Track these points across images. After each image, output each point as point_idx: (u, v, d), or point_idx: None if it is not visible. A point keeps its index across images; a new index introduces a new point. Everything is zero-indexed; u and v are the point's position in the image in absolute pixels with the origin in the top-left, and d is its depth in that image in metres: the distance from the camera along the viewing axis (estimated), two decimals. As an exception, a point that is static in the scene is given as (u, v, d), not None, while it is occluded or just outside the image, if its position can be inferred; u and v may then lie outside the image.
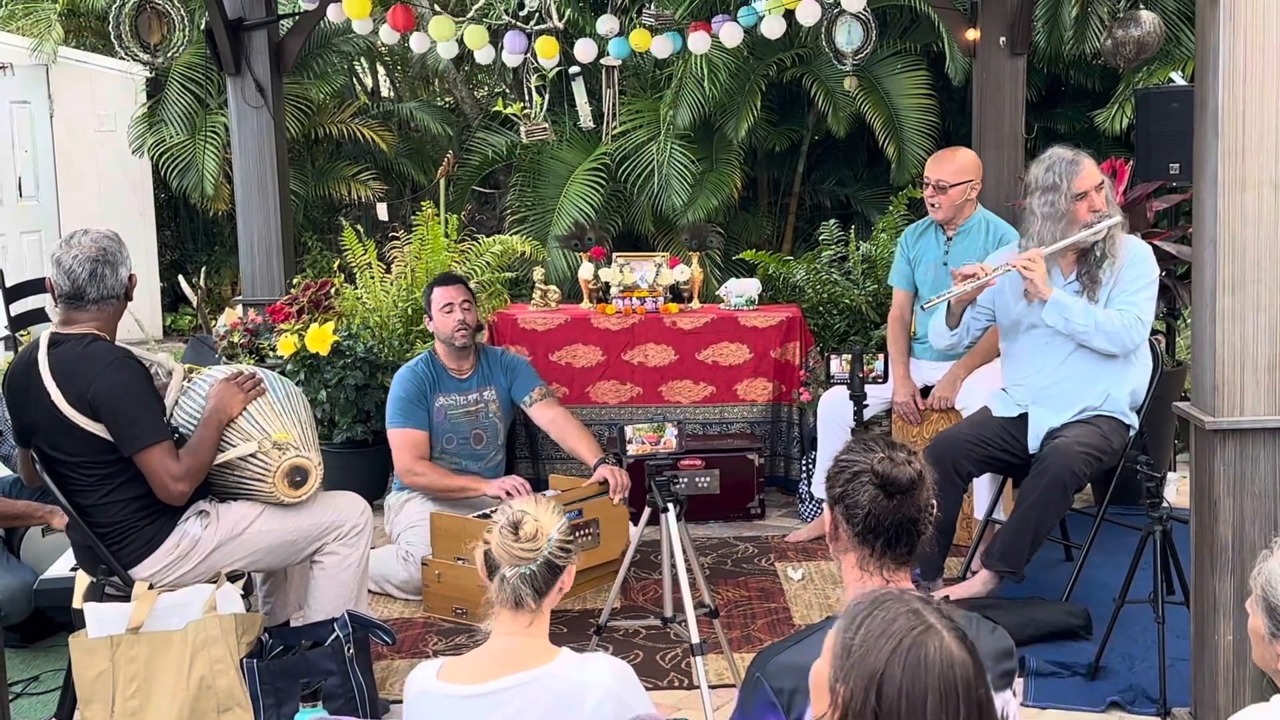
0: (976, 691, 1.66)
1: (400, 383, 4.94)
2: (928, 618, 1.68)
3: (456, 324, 4.91)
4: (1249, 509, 3.33)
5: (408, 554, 4.73)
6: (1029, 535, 4.20)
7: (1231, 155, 3.23)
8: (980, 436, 4.41)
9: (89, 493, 3.48)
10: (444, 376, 4.99)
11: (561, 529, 2.39)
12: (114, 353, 3.47)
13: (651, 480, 3.70)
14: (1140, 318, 4.20)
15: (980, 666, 1.68)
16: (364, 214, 10.38)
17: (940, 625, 1.68)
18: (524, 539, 2.33)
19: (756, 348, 5.92)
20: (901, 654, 1.65)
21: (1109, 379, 4.28)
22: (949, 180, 4.98)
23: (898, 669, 1.64)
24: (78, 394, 3.40)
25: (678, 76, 8.74)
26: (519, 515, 2.35)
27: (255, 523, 3.66)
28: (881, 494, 2.20)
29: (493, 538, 2.36)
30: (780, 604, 4.63)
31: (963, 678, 1.64)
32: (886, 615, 1.69)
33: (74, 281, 3.45)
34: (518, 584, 2.33)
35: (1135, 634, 4.09)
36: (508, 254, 7.52)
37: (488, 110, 10.55)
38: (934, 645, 1.65)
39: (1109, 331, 4.19)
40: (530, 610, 2.35)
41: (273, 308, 5.78)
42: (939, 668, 1.64)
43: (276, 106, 6.24)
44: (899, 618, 1.68)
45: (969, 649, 1.67)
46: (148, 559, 3.53)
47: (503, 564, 2.34)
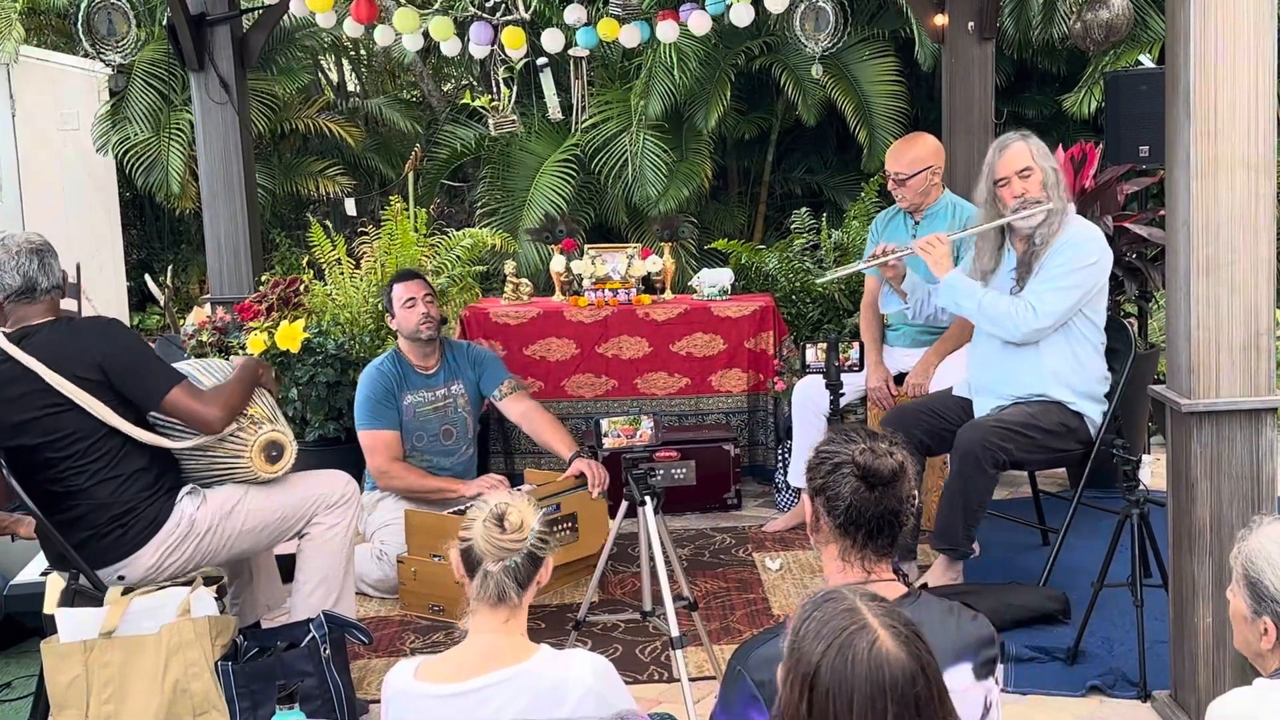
0: (913, 689, 1.61)
1: (367, 383, 4.89)
2: (865, 616, 1.65)
3: (421, 317, 4.87)
4: (1226, 491, 3.34)
5: (382, 552, 4.69)
6: (958, 512, 4.20)
7: (1204, 137, 3.22)
8: (933, 409, 4.50)
9: (95, 475, 3.48)
10: (410, 373, 4.94)
11: (541, 520, 2.37)
12: (102, 319, 3.62)
13: (628, 473, 3.67)
14: (1035, 306, 4.16)
15: (924, 663, 1.64)
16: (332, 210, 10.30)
17: (877, 624, 1.64)
18: (510, 530, 2.31)
19: (730, 338, 5.91)
20: (831, 654, 1.62)
21: (1042, 369, 4.25)
22: (905, 171, 5.01)
23: (826, 669, 1.62)
24: (84, 365, 3.45)
25: (647, 66, 8.70)
26: (502, 507, 2.33)
27: (244, 501, 3.71)
28: (863, 486, 2.18)
29: (475, 531, 2.33)
30: (759, 595, 4.61)
31: (893, 678, 1.61)
32: (824, 615, 1.66)
33: (25, 274, 3.52)
34: (501, 578, 2.30)
35: (1114, 617, 4.10)
36: (478, 247, 7.47)
37: (455, 103, 10.48)
38: (863, 645, 1.62)
39: (992, 316, 4.23)
40: (511, 605, 2.32)
41: (241, 306, 5.72)
42: (865, 668, 1.61)
43: (241, 102, 6.17)
44: (834, 617, 1.65)
45: (910, 646, 1.63)
46: (153, 539, 3.55)
47: (486, 558, 2.31)
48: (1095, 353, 4.29)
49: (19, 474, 3.49)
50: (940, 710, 1.65)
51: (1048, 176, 4.19)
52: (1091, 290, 4.19)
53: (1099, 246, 4.19)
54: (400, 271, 5.23)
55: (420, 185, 9.13)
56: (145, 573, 3.58)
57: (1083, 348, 4.25)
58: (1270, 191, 3.25)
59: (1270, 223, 3.25)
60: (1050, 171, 4.19)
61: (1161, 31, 7.81)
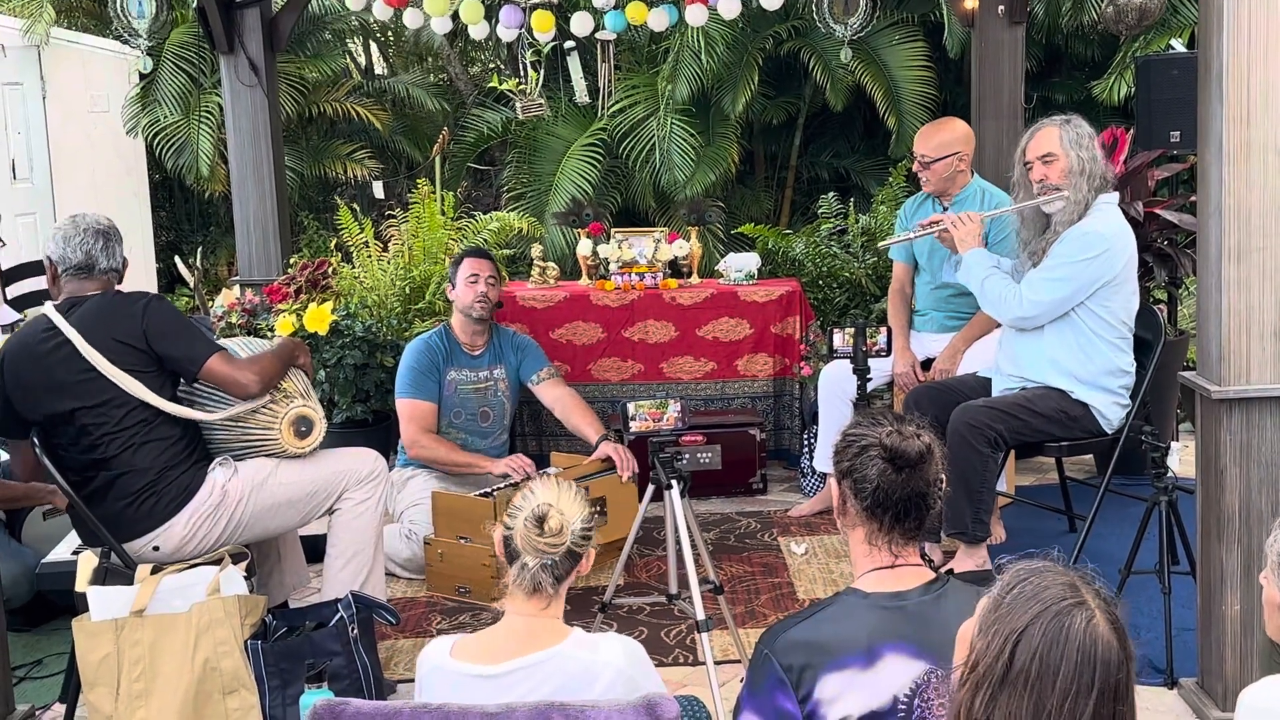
0: (1116, 676, 1.62)
1: (412, 353, 4.95)
2: (1084, 594, 1.65)
3: (478, 295, 4.93)
4: (1255, 478, 3.32)
5: (410, 532, 4.71)
6: (962, 497, 4.21)
7: (1236, 121, 3.19)
8: (953, 388, 4.52)
9: (128, 442, 3.56)
10: (457, 350, 5.00)
11: (584, 518, 2.37)
12: (145, 293, 3.70)
13: (655, 457, 3.68)
14: (1027, 294, 4.18)
15: (1129, 655, 1.64)
16: (360, 193, 10.31)
17: (1095, 604, 1.65)
18: (549, 534, 2.31)
19: (757, 323, 5.90)
20: (1045, 619, 1.62)
21: (1040, 355, 4.26)
22: (931, 155, 4.99)
23: (1037, 632, 1.62)
24: (128, 333, 3.54)
25: (674, 50, 8.68)
26: (544, 509, 2.32)
27: (275, 474, 3.76)
28: (890, 468, 2.18)
29: (516, 526, 2.33)
30: (784, 579, 4.62)
31: (1104, 658, 1.61)
32: (1042, 581, 1.67)
33: (87, 252, 3.64)
34: (538, 573, 2.31)
35: (1141, 605, 4.08)
36: (505, 231, 7.48)
37: (483, 86, 10.49)
38: (1081, 619, 1.62)
39: (990, 298, 4.31)
40: (546, 595, 2.33)
41: (270, 288, 5.75)
42: (1080, 640, 1.61)
43: (270, 85, 6.19)
44: (1053, 586, 1.66)
45: (1119, 635, 1.64)
46: (186, 508, 3.61)
47: (525, 554, 2.32)
48: (1106, 345, 4.23)
49: (54, 445, 3.58)
50: (1131, 707, 1.65)
51: (1072, 164, 4.15)
52: (1091, 283, 4.14)
53: (1105, 240, 4.13)
54: (472, 248, 5.32)
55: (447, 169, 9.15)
56: (179, 543, 3.62)
57: (1086, 338, 4.21)
58: (1304, 177, 3.22)
59: (1303, 209, 3.22)
60: (1077, 159, 4.15)
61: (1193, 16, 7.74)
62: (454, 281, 5.01)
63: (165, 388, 3.63)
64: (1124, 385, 4.29)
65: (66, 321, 3.55)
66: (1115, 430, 4.31)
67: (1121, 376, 4.27)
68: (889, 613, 2.13)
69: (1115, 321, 4.22)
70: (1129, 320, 4.27)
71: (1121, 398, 4.29)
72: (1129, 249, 4.20)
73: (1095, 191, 4.18)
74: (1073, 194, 4.16)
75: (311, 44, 10.02)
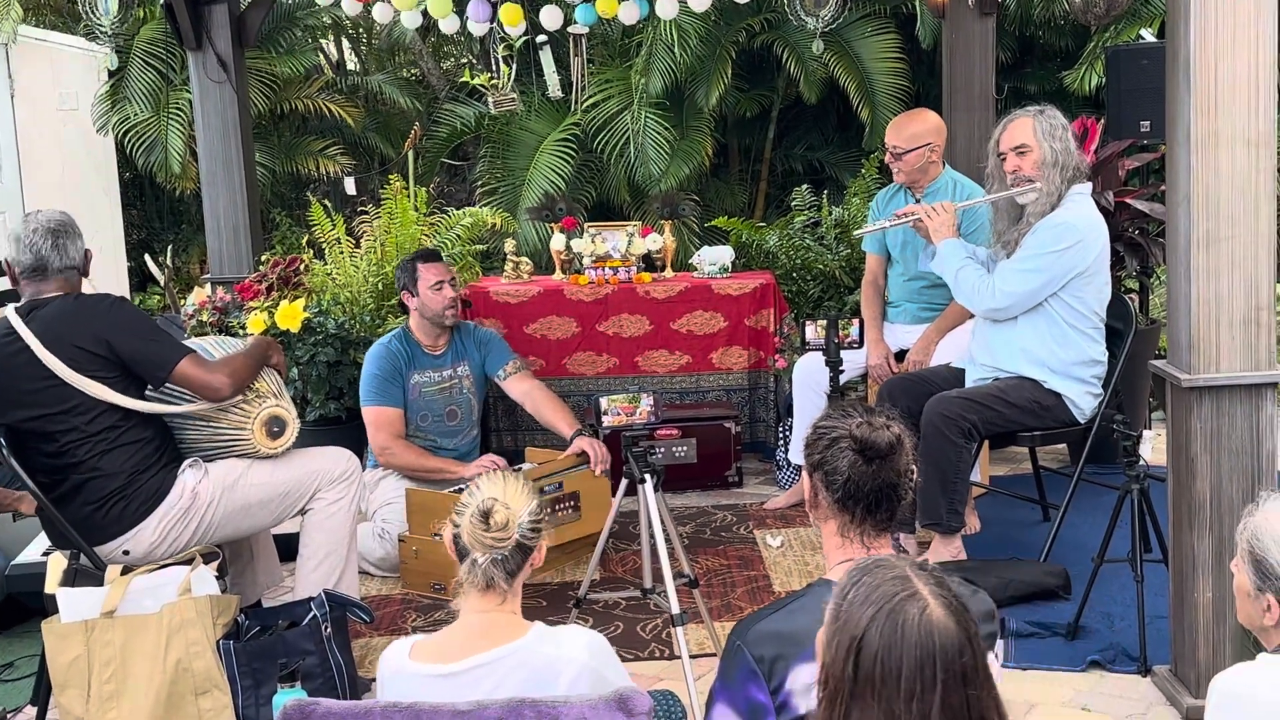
0: (960, 660, 1.62)
1: (374, 360, 4.90)
2: (915, 584, 1.65)
3: (449, 301, 4.87)
4: (1226, 466, 3.34)
5: (384, 531, 4.70)
6: (934, 485, 4.22)
7: (1204, 110, 3.21)
8: (926, 379, 4.55)
9: (96, 447, 3.52)
10: (418, 353, 4.95)
11: (532, 510, 2.35)
12: (108, 296, 3.63)
13: (628, 451, 3.68)
14: (1000, 285, 4.21)
15: (970, 635, 1.64)
16: (332, 189, 10.27)
17: (927, 592, 1.65)
18: (495, 528, 2.29)
19: (731, 315, 5.90)
20: (880, 619, 1.62)
21: (1013, 345, 4.29)
22: (903, 146, 5.01)
23: (875, 634, 1.62)
24: (89, 339, 3.48)
25: (647, 44, 8.66)
26: (489, 503, 2.31)
27: (246, 474, 3.74)
28: (860, 459, 2.18)
29: (463, 524, 2.32)
30: (760, 572, 4.62)
31: (943, 645, 1.61)
32: (873, 580, 1.67)
33: (37, 252, 3.56)
34: (489, 568, 2.30)
35: (1114, 593, 4.10)
36: (478, 226, 7.44)
37: (455, 82, 10.45)
38: (914, 612, 1.62)
39: (963, 290, 4.34)
40: (500, 590, 2.32)
41: (241, 285, 5.72)
42: (916, 635, 1.61)
43: (239, 81, 6.15)
44: (884, 583, 1.66)
45: (958, 617, 1.64)
46: (156, 511, 3.59)
47: (474, 550, 2.31)
48: (1078, 334, 4.25)
49: (22, 450, 3.53)
50: (984, 684, 1.65)
51: (1045, 155, 4.18)
52: (1063, 275, 4.17)
53: (1077, 231, 4.15)
54: (423, 251, 5.15)
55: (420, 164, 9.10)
56: (149, 547, 3.60)
57: (1059, 328, 4.24)
58: (1270, 166, 3.24)
59: (1270, 197, 3.24)
60: (1050, 151, 4.17)
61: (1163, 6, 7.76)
62: (411, 289, 4.90)
63: (131, 388, 3.58)
64: (1096, 375, 4.31)
65: (26, 326, 3.49)
66: (1088, 419, 4.34)
67: (1094, 366, 4.30)
68: (862, 604, 2.13)
69: (1087, 311, 4.24)
70: (1101, 310, 4.30)
71: (1094, 387, 4.31)
72: (1101, 240, 4.23)
73: (1068, 182, 4.20)
74: (1046, 185, 4.18)
75: (283, 40, 9.96)
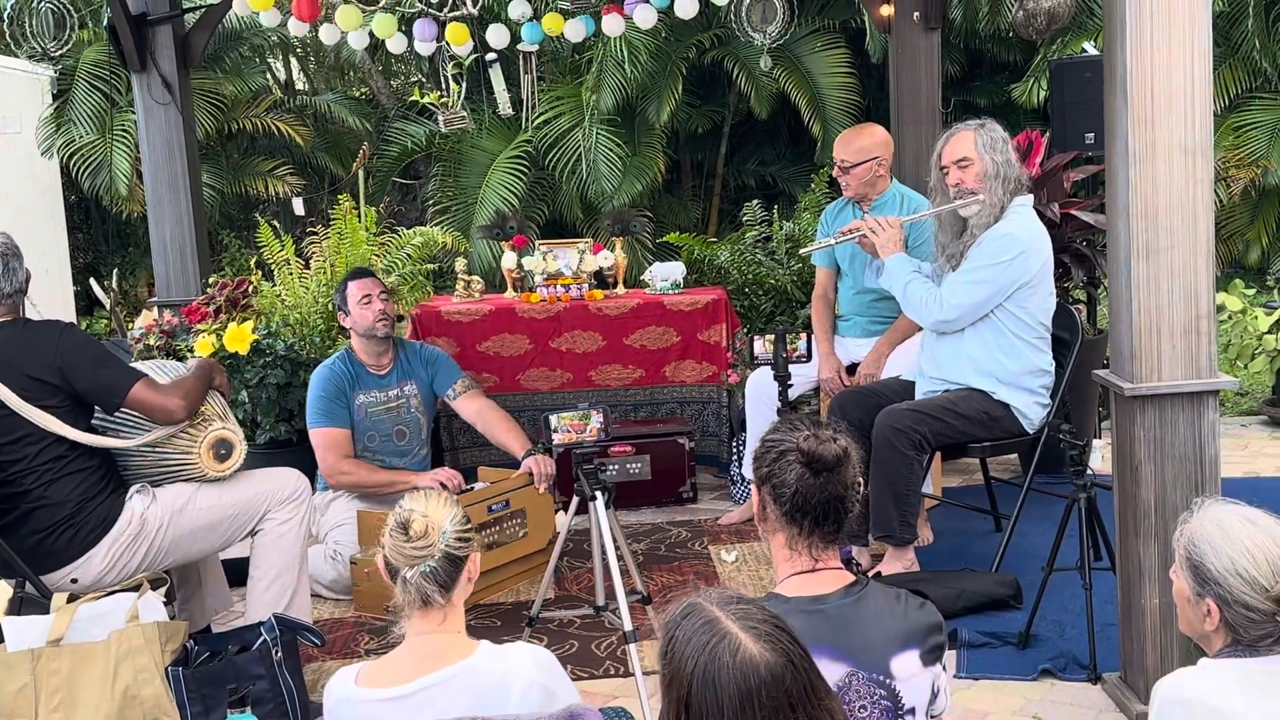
0: (783, 687, 1.61)
1: (318, 382, 4.89)
2: (724, 625, 1.64)
3: (378, 314, 4.87)
4: (1170, 473, 3.38)
5: (335, 553, 4.68)
6: (886, 497, 4.26)
7: (1141, 123, 3.26)
8: (876, 392, 4.59)
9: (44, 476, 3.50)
10: (363, 373, 4.94)
11: (455, 519, 2.34)
12: (58, 323, 3.62)
13: (578, 468, 3.69)
14: (947, 298, 4.26)
15: (792, 658, 1.63)
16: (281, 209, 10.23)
17: (737, 628, 1.64)
18: (414, 538, 2.29)
19: (684, 330, 5.93)
20: (699, 671, 1.62)
21: (960, 356, 4.33)
22: (850, 160, 5.06)
23: (697, 686, 1.62)
24: (40, 367, 3.46)
25: (598, 61, 8.71)
26: (406, 514, 2.31)
27: (194, 498, 3.73)
28: (808, 472, 2.20)
29: (385, 540, 2.33)
30: (715, 587, 4.62)
31: (760, 680, 1.60)
32: (685, 633, 1.66)
33: None
34: (420, 583, 2.30)
35: (1065, 601, 4.15)
36: (429, 245, 7.45)
37: (405, 100, 10.45)
38: (727, 656, 1.62)
39: (911, 303, 4.39)
40: (440, 606, 2.32)
41: (189, 308, 5.68)
42: (731, 678, 1.60)
43: (185, 102, 6.12)
44: (695, 633, 1.65)
45: (774, 644, 1.63)
46: (105, 539, 3.56)
47: (400, 565, 2.31)
48: (1025, 345, 4.30)
49: None
50: (815, 700, 1.64)
51: (987, 168, 4.23)
52: (1008, 286, 4.22)
53: (1021, 243, 4.20)
54: (353, 269, 5.24)
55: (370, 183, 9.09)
56: (98, 574, 3.57)
57: (1005, 339, 4.29)
58: (1208, 176, 3.30)
59: (1208, 207, 3.30)
60: (991, 163, 4.23)
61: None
62: (345, 308, 4.92)
63: (80, 419, 3.57)
64: (1044, 385, 4.36)
65: None
66: (1036, 429, 4.38)
67: (1041, 376, 4.35)
68: (809, 616, 2.15)
69: (1033, 322, 4.30)
70: (1046, 320, 4.35)
71: (1042, 397, 4.37)
72: (1045, 250, 4.29)
73: (1010, 194, 4.25)
74: (988, 197, 4.24)
75: (229, 60, 9.93)
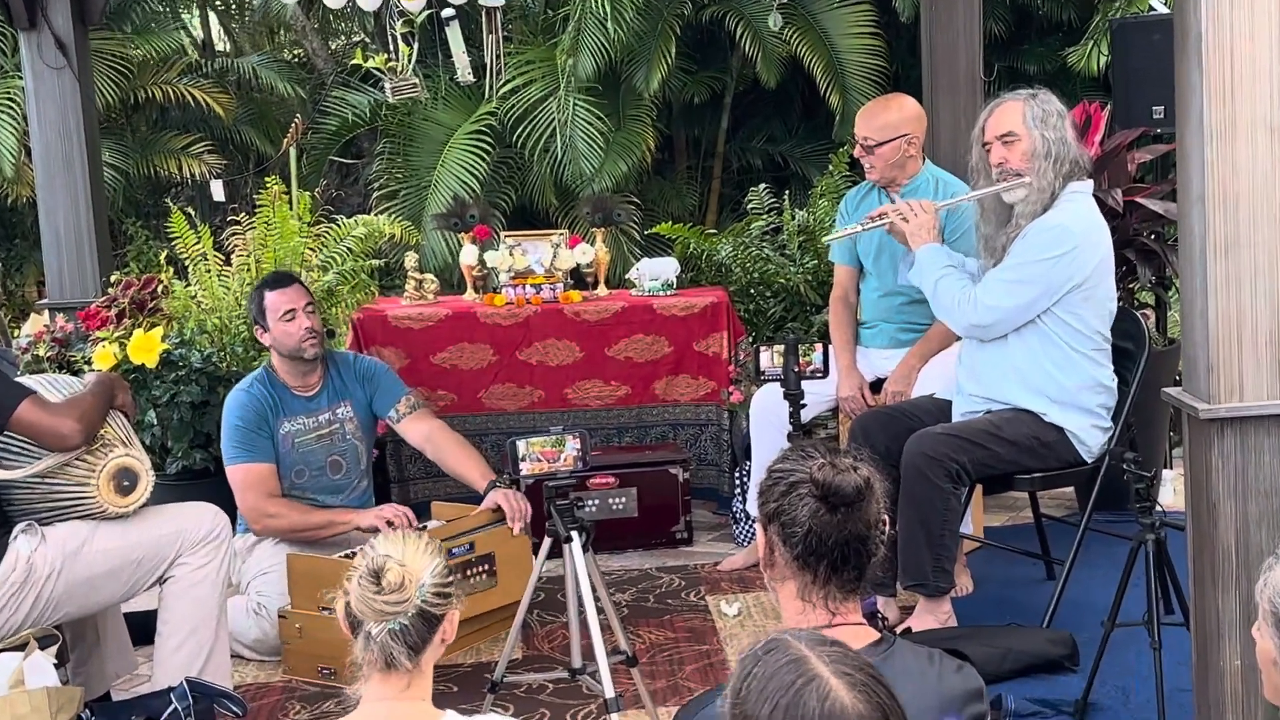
0: None
1: (234, 409, 4.85)
2: (813, 666, 1.66)
3: (304, 333, 4.83)
4: (1254, 511, 3.38)
5: (260, 606, 4.66)
6: (918, 539, 4.25)
7: (1219, 94, 3.26)
8: (907, 413, 4.58)
9: None
10: (286, 396, 4.91)
11: (436, 571, 2.35)
12: None
13: (551, 504, 3.69)
14: (982, 299, 4.27)
15: (887, 713, 1.66)
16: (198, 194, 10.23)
17: (829, 672, 1.66)
18: (388, 589, 2.29)
19: (677, 340, 5.94)
20: (778, 714, 1.63)
21: (1004, 370, 4.34)
22: (875, 138, 5.04)
23: None
24: None
25: (575, 17, 8.72)
26: (380, 561, 2.31)
27: (93, 540, 3.71)
28: (823, 507, 2.20)
29: (352, 588, 2.32)
30: (713, 645, 4.64)
31: None
32: (766, 670, 1.68)
33: None
34: (387, 641, 2.30)
35: (1129, 662, 4.15)
36: (374, 237, 7.45)
37: (345, 64, 10.45)
38: (814, 701, 1.63)
39: (942, 304, 4.41)
40: (405, 671, 2.32)
41: (86, 312, 5.68)
42: None
43: (82, 66, 6.13)
44: (778, 671, 1.67)
45: (869, 695, 1.65)
46: None
47: (366, 619, 2.30)
48: (1081, 357, 4.31)
49: None
50: None
51: (1035, 145, 4.23)
52: (1058, 287, 4.21)
53: (1074, 236, 4.20)
54: (271, 276, 5.13)
55: (304, 163, 9.09)
56: None
57: (1058, 350, 4.28)
58: (1299, 158, 3.31)
59: (1300, 194, 3.31)
60: (1041, 140, 4.22)
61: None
62: (262, 323, 4.87)
63: None
64: (1104, 405, 4.37)
65: None
66: (1096, 458, 4.40)
67: (1101, 394, 4.35)
68: (826, 681, 2.15)
69: (1089, 331, 4.30)
70: (1105, 329, 4.35)
71: (1102, 419, 4.38)
72: (1102, 247, 4.29)
73: (1064, 179, 4.26)
74: (1036, 180, 4.23)
75: (137, 15, 9.96)
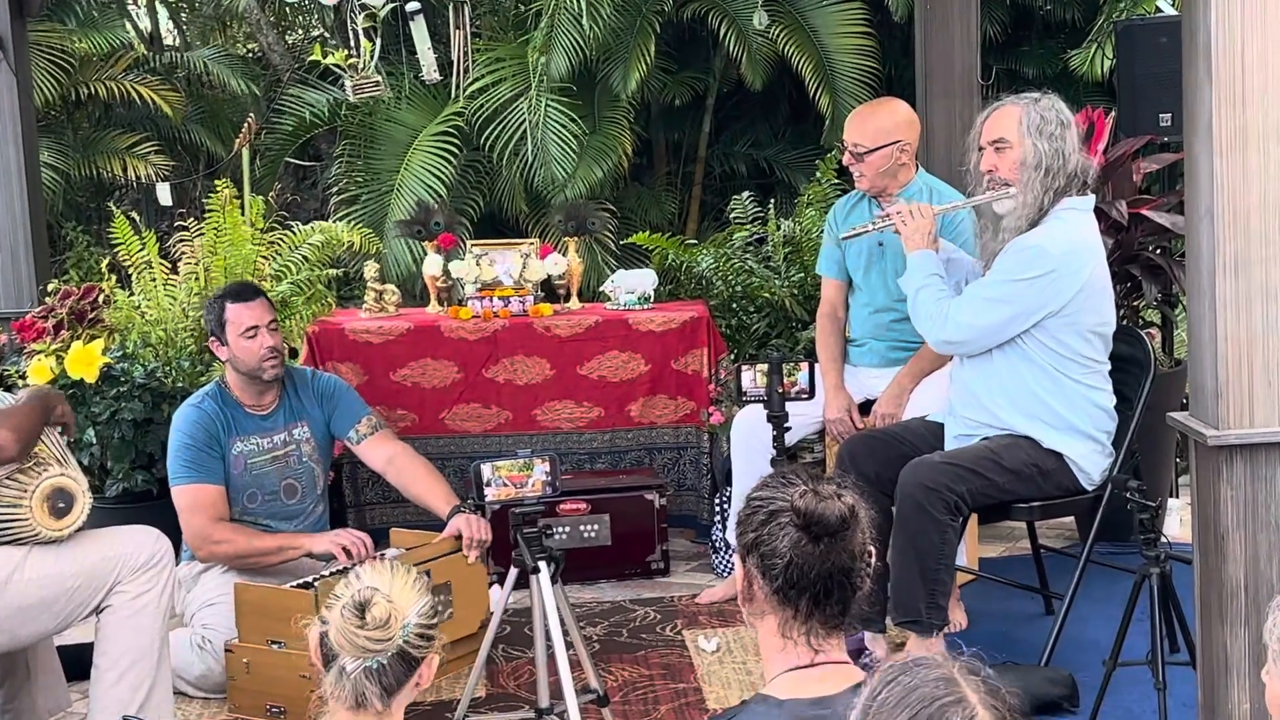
0: None
1: (183, 426, 4.83)
2: (962, 689, 1.71)
3: (266, 353, 4.82)
4: (1264, 543, 3.40)
5: (205, 639, 4.64)
6: (912, 573, 4.25)
7: (1229, 101, 3.29)
8: (897, 437, 4.58)
9: None
10: (240, 414, 4.89)
11: (423, 611, 2.36)
12: None
13: (518, 533, 3.68)
14: (954, 314, 4.27)
15: None
16: (143, 197, 10.21)
17: (976, 700, 1.70)
18: (372, 624, 2.29)
19: (654, 357, 5.94)
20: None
21: (992, 392, 4.35)
22: (866, 144, 5.05)
23: None
24: None
25: (548, 14, 8.73)
26: (368, 594, 2.31)
27: (24, 567, 3.69)
28: (805, 537, 2.20)
29: (333, 618, 2.32)
30: (690, 683, 4.63)
31: None
32: (912, 681, 1.72)
33: None
34: (361, 680, 2.29)
35: (1132, 704, 4.16)
36: (332, 245, 7.44)
37: (303, 60, 10.45)
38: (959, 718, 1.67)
39: (918, 314, 4.43)
40: (374, 712, 2.31)
41: (21, 323, 5.65)
42: None
43: (20, 60, 6.11)
44: (924, 685, 1.71)
45: None
46: None
47: (343, 653, 2.30)
48: (1069, 380, 4.31)
49: None
50: None
51: (1026, 155, 4.22)
52: (1033, 311, 4.20)
53: (1049, 260, 4.18)
54: (235, 287, 5.12)
55: (257, 166, 9.08)
56: None
57: (1041, 370, 4.28)
58: (1312, 171, 3.33)
59: (1313, 209, 3.33)
60: (1033, 149, 4.20)
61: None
62: (220, 336, 4.85)
63: None
64: (1103, 429, 4.38)
65: None
66: (1097, 486, 4.41)
67: (1098, 417, 4.36)
68: (810, 724, 2.15)
69: (1072, 354, 4.28)
70: (1095, 353, 4.32)
71: (1103, 444, 4.38)
72: (1085, 271, 4.23)
73: (1055, 193, 4.22)
74: (1023, 193, 4.23)
75: (79, 8, 9.92)
